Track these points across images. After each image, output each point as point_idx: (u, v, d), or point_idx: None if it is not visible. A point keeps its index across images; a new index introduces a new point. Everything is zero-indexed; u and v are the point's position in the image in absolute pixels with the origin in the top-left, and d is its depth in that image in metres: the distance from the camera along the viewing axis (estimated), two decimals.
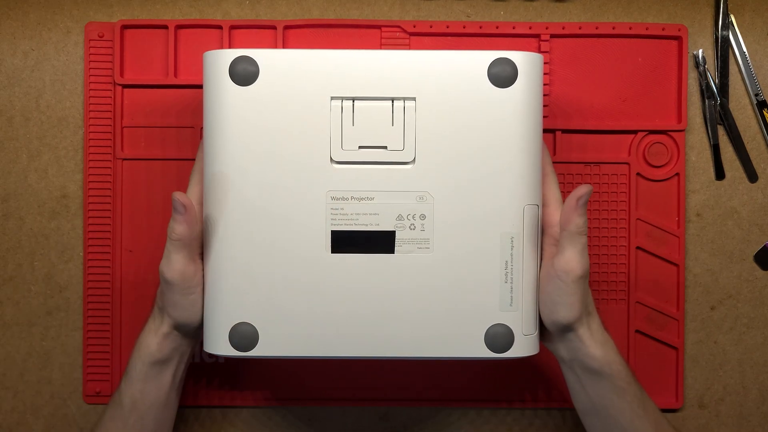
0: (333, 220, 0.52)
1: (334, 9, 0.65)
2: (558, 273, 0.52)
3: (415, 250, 0.53)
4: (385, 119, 0.53)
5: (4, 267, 0.65)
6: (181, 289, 0.52)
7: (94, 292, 0.65)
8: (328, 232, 0.53)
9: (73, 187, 0.65)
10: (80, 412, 0.66)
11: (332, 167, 0.52)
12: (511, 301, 0.53)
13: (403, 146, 0.52)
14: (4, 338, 0.65)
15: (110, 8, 0.65)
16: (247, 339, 0.53)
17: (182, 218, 0.51)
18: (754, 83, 0.66)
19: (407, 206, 0.53)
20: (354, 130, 0.52)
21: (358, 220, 0.53)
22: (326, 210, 0.52)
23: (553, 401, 0.66)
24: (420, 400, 0.66)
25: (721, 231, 0.67)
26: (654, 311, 0.66)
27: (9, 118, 0.65)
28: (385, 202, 0.53)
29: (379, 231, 0.53)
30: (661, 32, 0.65)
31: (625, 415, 0.54)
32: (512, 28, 0.65)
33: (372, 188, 0.53)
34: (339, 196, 0.52)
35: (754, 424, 0.67)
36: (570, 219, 0.51)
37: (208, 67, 0.53)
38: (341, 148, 0.52)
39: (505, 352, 0.53)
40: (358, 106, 0.52)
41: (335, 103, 0.52)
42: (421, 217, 0.53)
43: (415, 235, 0.53)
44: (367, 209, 0.53)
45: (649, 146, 0.65)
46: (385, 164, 0.53)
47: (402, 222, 0.53)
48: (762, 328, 0.67)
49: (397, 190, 0.53)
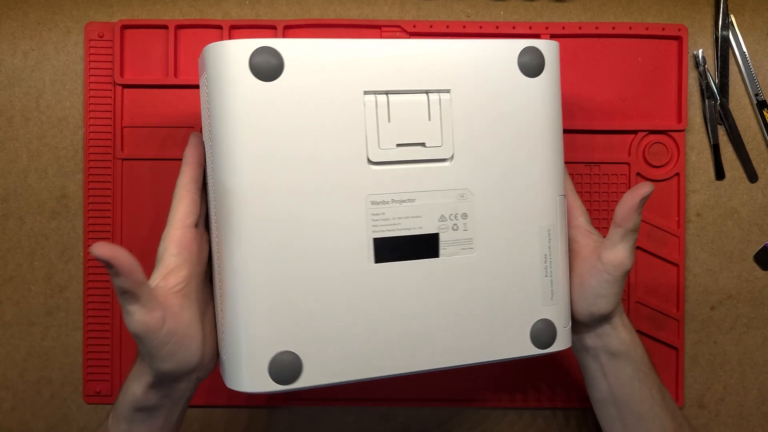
0: (375, 226, 0.48)
1: (334, 9, 0.65)
2: (606, 267, 0.52)
3: (459, 252, 0.50)
4: (421, 114, 0.49)
5: (4, 267, 0.65)
6: (151, 341, 0.46)
7: (94, 292, 0.65)
8: (371, 240, 0.48)
9: (73, 187, 0.65)
10: (80, 412, 0.66)
11: (370, 169, 0.48)
12: (552, 295, 0.52)
13: (441, 142, 0.49)
14: (4, 338, 0.65)
15: (110, 8, 0.65)
16: (290, 369, 0.47)
17: (113, 271, 0.43)
18: (754, 83, 0.66)
19: (449, 206, 0.50)
20: (390, 127, 0.48)
21: (400, 225, 0.49)
22: (366, 216, 0.48)
23: (554, 401, 0.67)
24: (420, 400, 0.66)
25: (721, 231, 0.67)
26: (654, 311, 0.66)
27: (9, 118, 0.65)
28: (427, 203, 0.49)
29: (423, 235, 0.49)
30: (661, 32, 0.65)
31: (645, 402, 0.54)
32: (512, 28, 0.65)
33: (413, 189, 0.49)
34: (379, 200, 0.48)
35: (754, 424, 0.67)
36: (629, 217, 0.51)
37: (217, 61, 0.47)
38: (378, 147, 0.48)
39: (549, 348, 0.52)
40: (393, 100, 0.48)
41: (369, 98, 0.48)
42: (463, 216, 0.50)
43: (458, 236, 0.50)
44: (409, 212, 0.49)
45: (649, 146, 0.65)
46: (424, 162, 0.49)
47: (445, 223, 0.50)
48: (762, 328, 0.67)
49: (438, 189, 0.50)
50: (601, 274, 0.52)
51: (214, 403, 0.66)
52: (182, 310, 0.48)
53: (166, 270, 0.48)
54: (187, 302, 0.48)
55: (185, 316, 0.48)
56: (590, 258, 0.53)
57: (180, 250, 0.49)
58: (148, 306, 0.45)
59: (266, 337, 0.47)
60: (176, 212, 0.50)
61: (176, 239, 0.49)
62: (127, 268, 0.44)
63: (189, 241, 0.49)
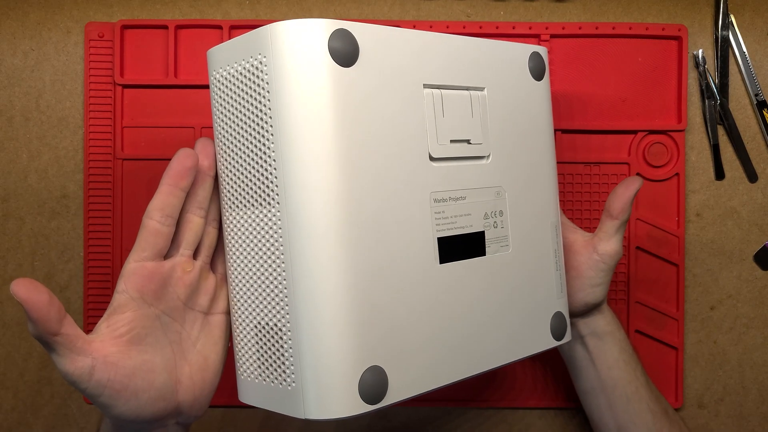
0: (438, 225, 0.47)
1: (334, 9, 0.65)
2: (602, 257, 0.55)
3: (499, 250, 0.50)
4: (466, 110, 0.49)
5: (4, 267, 0.65)
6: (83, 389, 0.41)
7: (94, 292, 0.65)
8: (435, 240, 0.46)
9: (73, 187, 0.65)
10: (80, 412, 0.66)
11: (431, 165, 0.46)
12: (561, 288, 0.54)
13: (482, 139, 0.50)
14: (4, 338, 0.66)
15: (110, 8, 0.65)
16: (378, 386, 0.42)
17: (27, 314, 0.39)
18: (754, 83, 0.66)
19: (489, 203, 0.50)
20: (444, 123, 0.48)
21: (456, 223, 0.48)
22: (431, 215, 0.46)
23: (553, 401, 0.67)
24: (420, 400, 0.66)
25: (720, 231, 0.67)
26: (654, 311, 0.66)
27: (9, 118, 0.65)
28: (475, 201, 0.49)
29: (474, 233, 0.49)
30: (661, 32, 0.65)
31: (631, 383, 0.57)
32: (512, 28, 0.65)
33: (463, 186, 0.49)
34: (440, 198, 0.47)
35: (754, 424, 0.67)
36: (625, 209, 0.54)
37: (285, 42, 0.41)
38: (437, 142, 0.47)
39: (562, 340, 0.54)
40: (445, 95, 0.48)
41: (427, 92, 0.47)
42: (500, 214, 0.51)
43: (498, 233, 0.51)
44: (462, 210, 0.48)
45: (649, 146, 0.65)
46: (469, 160, 0.49)
47: (488, 221, 0.50)
48: (762, 328, 0.67)
49: (481, 186, 0.50)
50: (598, 264, 0.56)
51: (215, 403, 0.66)
52: (123, 359, 0.42)
53: (110, 309, 0.43)
54: (137, 349, 0.43)
55: (127, 365, 0.42)
56: (584, 251, 0.56)
57: (127, 287, 0.43)
58: (68, 355, 0.40)
59: (354, 353, 0.41)
60: (135, 243, 0.44)
61: (125, 274, 0.43)
62: (40, 314, 0.38)
63: (142, 278, 0.43)
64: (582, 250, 0.56)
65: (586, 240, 0.57)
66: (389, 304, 0.43)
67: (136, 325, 0.43)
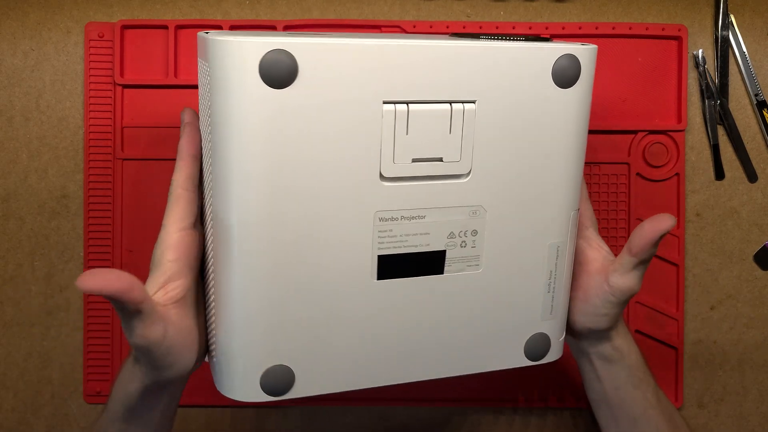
0: (381, 243, 0.45)
1: (334, 9, 0.65)
2: (613, 290, 0.50)
3: (464, 269, 0.48)
4: (442, 126, 0.44)
5: (4, 267, 0.65)
6: (153, 353, 0.44)
7: None
8: (375, 257, 0.46)
9: (73, 187, 0.65)
10: (81, 412, 0.66)
11: (382, 185, 0.44)
12: (551, 310, 0.51)
13: (460, 157, 0.45)
14: (4, 338, 0.66)
15: (110, 8, 0.65)
16: (282, 382, 0.46)
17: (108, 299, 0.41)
18: (754, 83, 0.66)
19: (460, 222, 0.47)
20: (408, 140, 0.44)
21: (407, 242, 0.46)
22: (373, 233, 0.45)
23: (552, 402, 0.67)
24: (420, 400, 0.66)
25: (720, 231, 0.67)
26: (654, 311, 0.66)
27: (9, 118, 0.65)
28: (438, 220, 0.46)
29: (429, 252, 0.47)
30: (661, 32, 0.65)
31: (638, 405, 0.54)
32: (512, 28, 0.65)
33: (424, 206, 0.46)
34: (388, 217, 0.45)
35: (754, 424, 0.67)
36: (646, 250, 0.48)
37: (222, 60, 0.41)
38: (393, 162, 0.44)
39: (541, 360, 0.52)
40: (414, 110, 0.44)
41: (388, 108, 0.43)
42: (473, 233, 0.47)
43: (465, 253, 0.48)
44: (418, 229, 0.46)
45: (648, 146, 0.65)
46: (439, 179, 0.45)
47: (453, 240, 0.47)
48: (762, 328, 0.67)
49: (451, 206, 0.46)
50: (607, 295, 0.51)
51: (215, 403, 0.66)
52: (182, 320, 0.46)
53: (164, 277, 0.46)
54: (186, 310, 0.46)
55: (185, 325, 0.46)
56: (597, 276, 0.51)
57: (178, 255, 0.46)
58: (148, 321, 0.43)
59: (259, 350, 0.45)
60: (173, 214, 0.47)
61: (174, 244, 0.46)
62: (122, 292, 0.40)
63: (187, 246, 0.47)
64: (595, 274, 0.52)
65: (603, 264, 0.52)
66: (306, 313, 0.45)
67: (188, 289, 0.47)
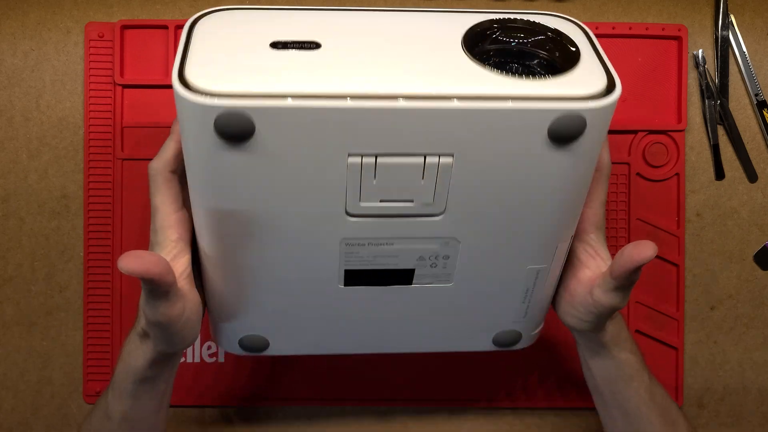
0: (348, 262, 0.47)
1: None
2: (596, 305, 0.49)
3: (433, 282, 0.49)
4: (414, 175, 0.42)
5: (4, 267, 0.65)
6: (171, 329, 0.46)
7: (94, 292, 0.65)
8: (342, 270, 0.47)
9: (73, 187, 0.65)
10: (80, 412, 0.66)
11: (347, 219, 0.44)
12: (525, 314, 0.52)
13: (432, 200, 0.43)
14: (4, 338, 0.65)
15: (110, 8, 0.65)
16: (257, 345, 0.53)
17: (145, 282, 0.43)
18: (754, 83, 0.66)
19: (430, 250, 0.46)
20: (376, 185, 0.42)
21: (375, 261, 0.47)
22: (340, 254, 0.46)
23: (554, 402, 0.66)
24: (420, 400, 0.66)
25: (720, 231, 0.67)
26: (654, 311, 0.66)
27: (9, 118, 0.65)
28: (406, 248, 0.46)
29: (397, 270, 0.47)
30: (661, 32, 0.65)
31: (629, 399, 0.54)
32: None
33: (394, 235, 0.45)
34: (355, 242, 0.45)
35: (754, 424, 0.67)
36: (626, 276, 0.46)
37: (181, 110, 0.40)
38: (359, 202, 0.43)
39: (511, 347, 0.55)
40: (383, 162, 0.41)
41: (354, 160, 0.41)
42: (445, 258, 0.47)
43: (436, 272, 0.48)
44: (385, 252, 0.46)
45: (648, 146, 0.65)
46: (409, 217, 0.44)
47: (423, 262, 0.47)
48: (762, 328, 0.67)
49: (422, 236, 0.45)
50: (589, 306, 0.49)
51: (214, 403, 0.66)
52: (191, 295, 0.48)
53: (170, 256, 0.47)
54: (191, 285, 0.48)
55: (195, 299, 0.48)
56: (584, 285, 0.50)
57: (180, 234, 0.48)
58: (173, 299, 0.45)
59: (235, 323, 0.52)
60: (167, 196, 0.48)
61: (174, 224, 0.47)
62: (160, 275, 0.42)
63: (185, 224, 0.48)
64: (584, 281, 0.50)
65: (594, 274, 0.50)
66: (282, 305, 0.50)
67: (190, 266, 0.48)
